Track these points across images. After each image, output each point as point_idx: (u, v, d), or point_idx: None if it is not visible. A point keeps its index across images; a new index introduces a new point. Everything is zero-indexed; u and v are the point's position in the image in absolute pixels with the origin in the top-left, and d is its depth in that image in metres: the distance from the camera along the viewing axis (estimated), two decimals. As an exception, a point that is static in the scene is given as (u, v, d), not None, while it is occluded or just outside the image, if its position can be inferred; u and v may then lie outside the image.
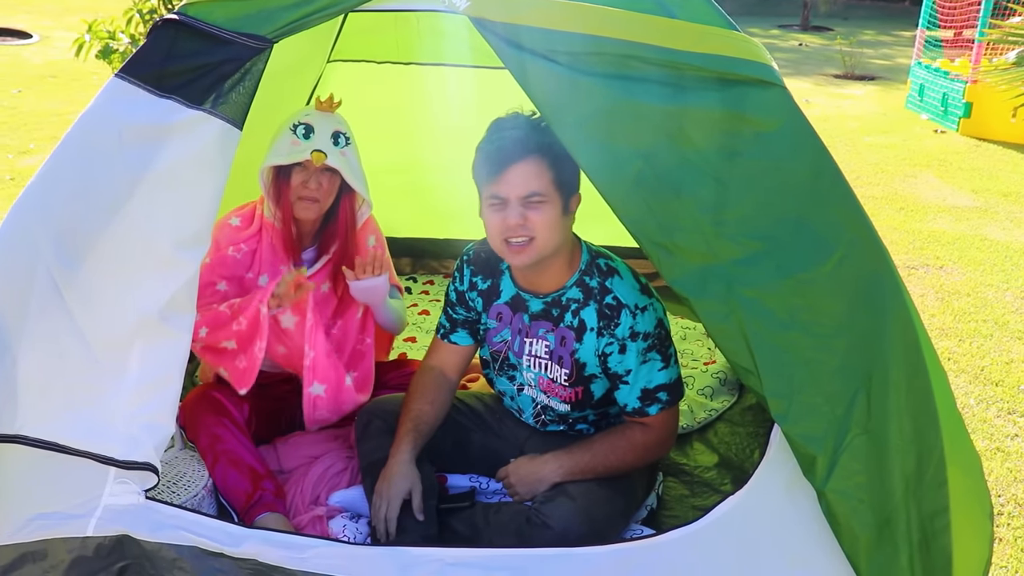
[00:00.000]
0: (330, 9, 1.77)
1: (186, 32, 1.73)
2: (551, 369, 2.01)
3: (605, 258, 2.01)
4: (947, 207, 5.37)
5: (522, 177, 1.84)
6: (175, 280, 1.71)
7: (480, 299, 2.10)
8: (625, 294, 1.93)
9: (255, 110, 1.77)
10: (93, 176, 1.68)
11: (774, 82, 1.67)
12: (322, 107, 2.23)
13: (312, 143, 2.15)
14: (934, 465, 1.60)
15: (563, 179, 1.87)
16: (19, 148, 5.97)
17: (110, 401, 1.69)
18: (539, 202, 1.85)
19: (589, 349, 1.96)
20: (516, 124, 1.89)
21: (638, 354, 1.92)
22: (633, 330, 1.91)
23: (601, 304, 1.94)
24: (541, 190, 1.84)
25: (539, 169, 1.84)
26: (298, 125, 2.17)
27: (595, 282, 1.96)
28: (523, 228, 1.85)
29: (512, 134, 1.87)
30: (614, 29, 1.69)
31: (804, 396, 1.59)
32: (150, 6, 5.05)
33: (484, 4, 1.74)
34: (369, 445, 2.07)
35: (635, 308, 1.91)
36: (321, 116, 2.21)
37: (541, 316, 2.00)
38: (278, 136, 2.21)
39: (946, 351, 3.40)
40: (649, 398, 1.93)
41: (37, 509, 1.72)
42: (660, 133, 1.65)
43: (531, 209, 1.85)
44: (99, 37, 4.81)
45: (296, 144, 2.15)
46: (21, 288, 1.65)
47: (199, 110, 1.70)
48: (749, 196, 1.63)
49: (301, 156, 2.14)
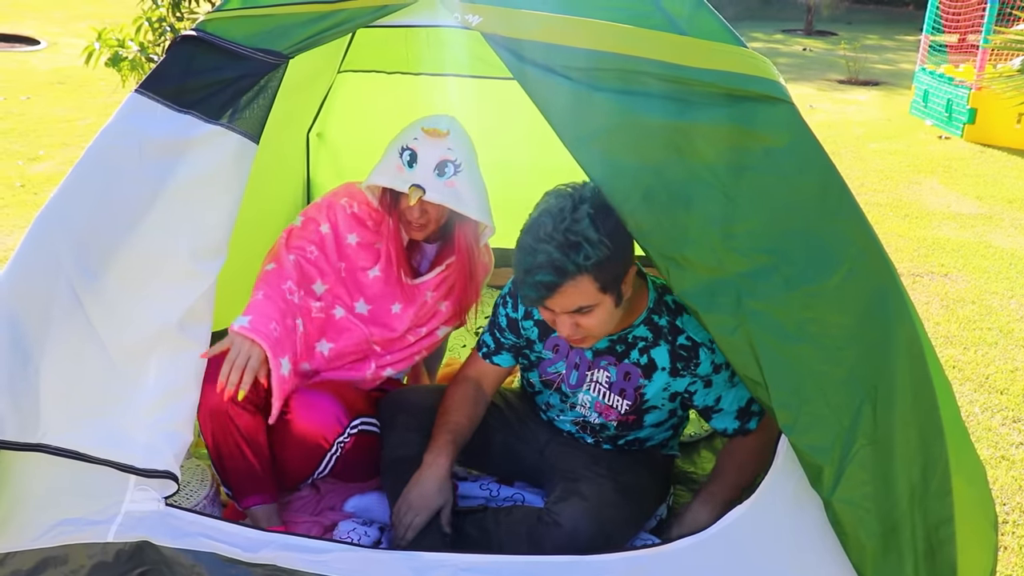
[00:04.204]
0: (344, 25, 1.81)
1: (204, 48, 1.77)
2: (610, 398, 2.01)
3: (670, 293, 1.96)
4: (952, 214, 5.39)
5: (566, 299, 1.77)
6: (193, 291, 1.75)
7: (536, 329, 2.08)
8: (697, 331, 1.92)
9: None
10: (114, 189, 1.72)
11: (782, 98, 1.70)
12: (429, 133, 2.12)
13: (413, 175, 2.08)
14: (939, 475, 1.63)
15: (610, 279, 1.79)
16: (29, 155, 6.01)
17: (130, 410, 1.73)
18: (588, 310, 1.80)
19: (658, 386, 1.97)
20: (545, 260, 1.73)
21: (725, 383, 1.94)
22: (715, 363, 1.92)
23: (674, 345, 1.93)
24: (589, 303, 1.78)
25: (582, 287, 1.75)
26: (405, 150, 2.10)
27: (664, 320, 1.94)
28: (576, 334, 1.83)
29: (540, 278, 1.74)
30: (625, 45, 1.72)
31: (811, 407, 1.61)
32: (159, 14, 5.10)
33: (496, 20, 1.78)
34: (395, 439, 2.08)
35: (710, 343, 1.90)
36: (428, 143, 2.10)
37: (605, 352, 2.00)
38: (388, 150, 2.16)
39: (951, 359, 3.43)
40: (746, 415, 1.96)
41: (59, 515, 1.76)
42: (669, 148, 1.68)
43: (582, 316, 1.80)
44: (108, 45, 4.85)
45: (401, 171, 2.09)
46: (43, 299, 1.69)
47: (217, 125, 1.74)
48: (757, 210, 1.65)
49: (402, 187, 2.08)
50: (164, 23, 5.06)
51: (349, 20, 1.80)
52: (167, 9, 5.12)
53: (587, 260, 1.72)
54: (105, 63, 4.83)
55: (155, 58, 4.88)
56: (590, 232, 1.73)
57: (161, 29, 5.04)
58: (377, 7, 1.80)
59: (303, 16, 1.79)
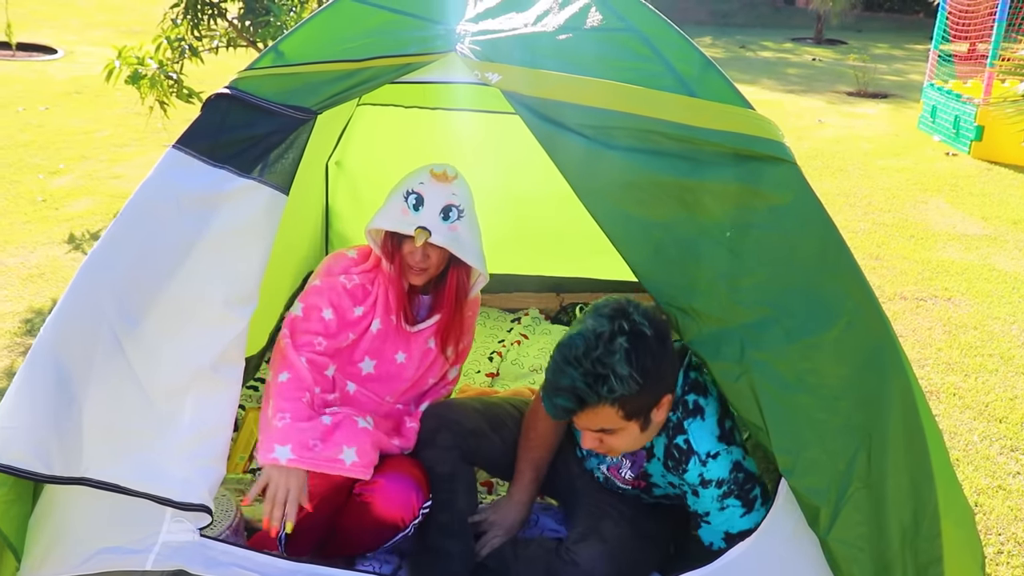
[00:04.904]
0: (370, 83, 1.91)
1: (237, 105, 1.88)
2: (620, 462, 2.06)
3: (698, 393, 1.90)
4: (957, 235, 5.46)
5: (587, 420, 1.80)
6: (227, 335, 1.86)
7: None
8: (699, 439, 1.87)
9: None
10: (153, 241, 1.82)
11: (786, 159, 1.80)
12: (437, 177, 2.18)
13: (419, 217, 2.12)
14: (929, 518, 1.73)
15: (635, 410, 1.79)
16: (49, 168, 6.13)
17: (167, 446, 1.83)
18: (612, 432, 1.81)
19: (658, 470, 1.98)
20: (568, 385, 1.74)
21: (713, 500, 1.85)
22: (703, 478, 1.85)
23: (671, 442, 1.90)
24: (613, 426, 1.80)
25: (603, 414, 1.77)
26: (410, 194, 2.15)
27: (675, 417, 1.90)
28: (600, 447, 1.85)
29: (561, 402, 1.76)
30: (637, 105, 1.82)
31: (809, 452, 1.72)
32: (178, 32, 5.21)
33: (514, 79, 1.88)
34: (433, 455, 2.14)
35: (705, 456, 1.85)
36: (435, 187, 2.16)
37: None
38: (391, 196, 2.21)
39: (952, 386, 3.51)
40: (735, 541, 1.85)
41: (100, 544, 1.86)
42: (679, 204, 1.79)
43: (607, 435, 1.82)
44: (128, 63, 4.96)
45: (405, 214, 2.13)
46: (87, 344, 1.80)
47: (249, 179, 1.85)
48: (761, 266, 1.76)
49: (407, 229, 2.12)
50: (183, 42, 5.18)
51: (374, 78, 1.90)
52: (186, 28, 5.24)
53: (611, 393, 1.71)
54: (125, 80, 4.94)
55: (174, 76, 5.00)
56: (620, 367, 1.71)
57: (180, 48, 5.15)
58: (400, 65, 1.91)
59: (331, 74, 1.90)
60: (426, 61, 1.92)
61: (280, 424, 2.03)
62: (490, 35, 1.92)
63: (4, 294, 4.10)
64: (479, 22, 1.97)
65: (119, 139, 7.05)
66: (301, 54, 1.93)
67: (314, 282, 2.26)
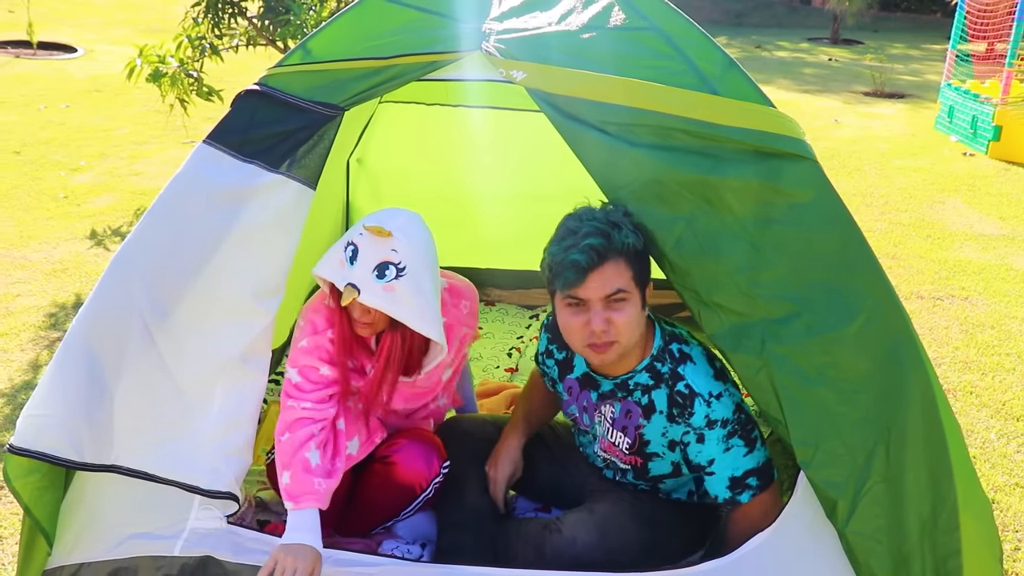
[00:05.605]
0: (397, 80, 1.94)
1: (267, 101, 1.92)
2: (613, 434, 2.07)
3: (679, 342, 1.98)
4: (974, 235, 5.45)
5: (605, 280, 1.82)
6: (254, 327, 1.90)
7: (556, 368, 2.18)
8: (698, 382, 1.91)
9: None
10: (183, 234, 1.86)
11: (807, 156, 1.82)
12: (371, 231, 1.93)
13: (351, 272, 1.92)
14: (948, 512, 1.75)
15: (641, 273, 1.86)
16: (71, 165, 6.20)
17: (196, 435, 1.88)
18: (622, 299, 1.84)
19: (656, 429, 1.98)
20: (591, 229, 1.81)
21: (719, 442, 1.89)
22: (709, 418, 1.88)
23: (672, 390, 1.93)
24: (624, 286, 1.83)
25: (620, 269, 1.82)
26: (349, 244, 1.96)
27: (666, 368, 1.94)
28: (607, 333, 1.85)
29: (590, 241, 1.80)
30: (660, 103, 1.85)
31: (828, 446, 1.74)
32: (199, 31, 5.27)
33: (539, 77, 1.91)
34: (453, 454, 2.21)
35: (709, 396, 1.89)
36: (372, 240, 1.93)
37: (609, 395, 2.04)
38: (341, 239, 2.01)
39: (969, 385, 3.52)
40: (739, 486, 1.90)
41: (130, 530, 1.91)
42: (700, 200, 1.81)
43: (614, 310, 1.84)
44: (149, 61, 5.02)
45: (342, 266, 1.95)
46: (119, 335, 1.84)
47: (278, 174, 1.88)
48: (782, 261, 1.78)
49: (339, 283, 1.94)
50: (204, 40, 5.24)
51: (401, 75, 1.94)
52: (206, 27, 5.30)
53: (626, 239, 1.81)
54: (146, 78, 5.00)
55: (194, 74, 5.05)
56: (626, 222, 1.82)
57: (200, 46, 5.21)
58: (426, 63, 1.94)
59: (358, 71, 1.93)
60: (452, 59, 1.94)
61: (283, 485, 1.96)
62: (515, 34, 1.95)
63: (28, 288, 4.16)
64: (504, 21, 2.00)
65: (138, 136, 7.12)
66: (329, 51, 1.96)
67: (303, 345, 2.08)
